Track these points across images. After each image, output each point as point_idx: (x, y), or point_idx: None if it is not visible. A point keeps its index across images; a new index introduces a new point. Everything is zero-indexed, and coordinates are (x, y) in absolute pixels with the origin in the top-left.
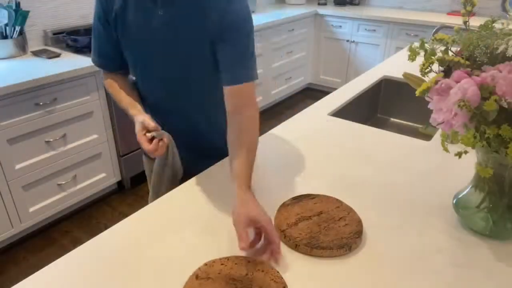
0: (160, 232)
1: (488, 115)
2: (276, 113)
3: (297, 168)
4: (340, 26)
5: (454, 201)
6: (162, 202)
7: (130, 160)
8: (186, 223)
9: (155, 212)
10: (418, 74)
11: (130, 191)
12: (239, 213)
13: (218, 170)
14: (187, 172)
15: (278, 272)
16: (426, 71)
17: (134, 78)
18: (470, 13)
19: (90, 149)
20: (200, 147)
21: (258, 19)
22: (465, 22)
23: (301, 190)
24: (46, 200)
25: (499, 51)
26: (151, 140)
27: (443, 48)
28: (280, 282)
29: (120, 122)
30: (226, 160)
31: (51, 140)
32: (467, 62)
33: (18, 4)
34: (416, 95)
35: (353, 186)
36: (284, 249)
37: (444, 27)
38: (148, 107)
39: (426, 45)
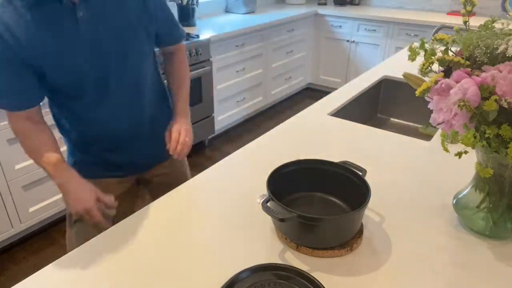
0: (160, 232)
1: (488, 115)
2: (276, 113)
3: None
4: (340, 26)
5: (454, 201)
6: (161, 203)
7: None
8: (185, 223)
9: (155, 213)
10: (418, 74)
11: None
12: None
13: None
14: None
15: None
16: (426, 71)
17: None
18: (470, 13)
19: None
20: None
21: (258, 19)
22: (465, 22)
23: None
24: (46, 200)
25: (499, 51)
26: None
27: (443, 48)
28: None
29: None
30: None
31: None
32: (467, 62)
33: None
34: (416, 95)
35: None
36: (285, 249)
37: (444, 27)
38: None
39: (426, 45)
